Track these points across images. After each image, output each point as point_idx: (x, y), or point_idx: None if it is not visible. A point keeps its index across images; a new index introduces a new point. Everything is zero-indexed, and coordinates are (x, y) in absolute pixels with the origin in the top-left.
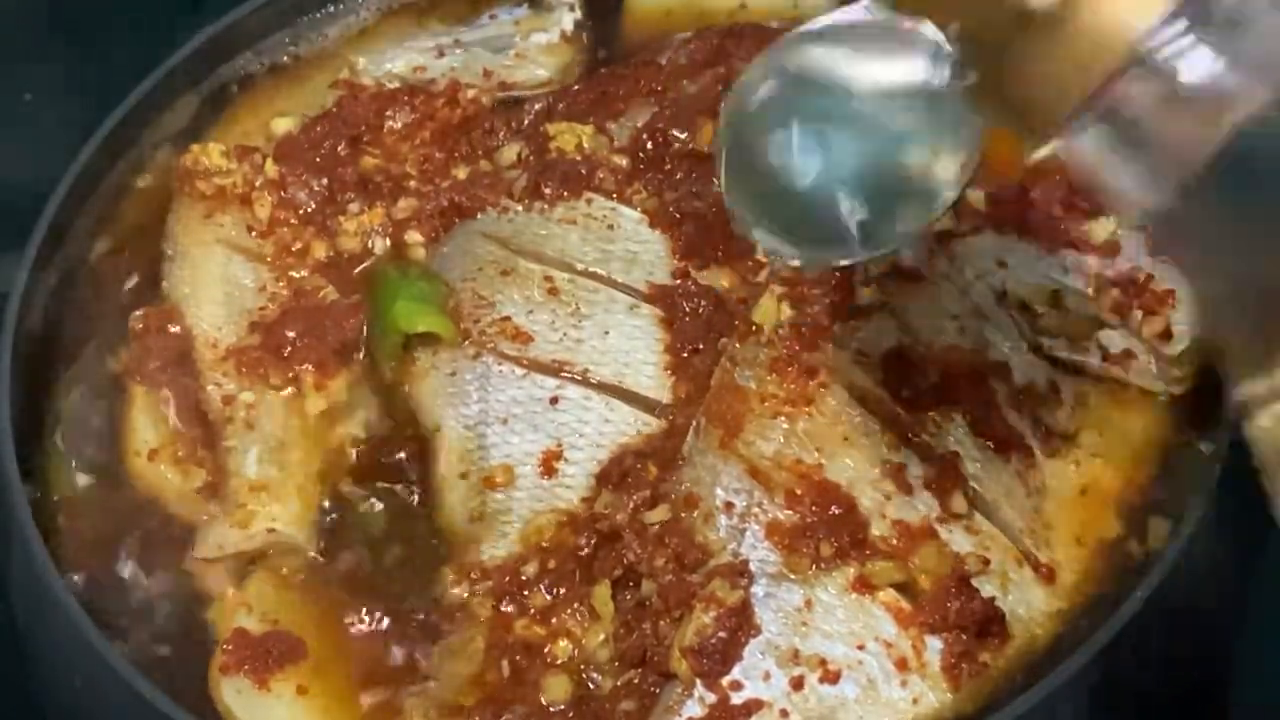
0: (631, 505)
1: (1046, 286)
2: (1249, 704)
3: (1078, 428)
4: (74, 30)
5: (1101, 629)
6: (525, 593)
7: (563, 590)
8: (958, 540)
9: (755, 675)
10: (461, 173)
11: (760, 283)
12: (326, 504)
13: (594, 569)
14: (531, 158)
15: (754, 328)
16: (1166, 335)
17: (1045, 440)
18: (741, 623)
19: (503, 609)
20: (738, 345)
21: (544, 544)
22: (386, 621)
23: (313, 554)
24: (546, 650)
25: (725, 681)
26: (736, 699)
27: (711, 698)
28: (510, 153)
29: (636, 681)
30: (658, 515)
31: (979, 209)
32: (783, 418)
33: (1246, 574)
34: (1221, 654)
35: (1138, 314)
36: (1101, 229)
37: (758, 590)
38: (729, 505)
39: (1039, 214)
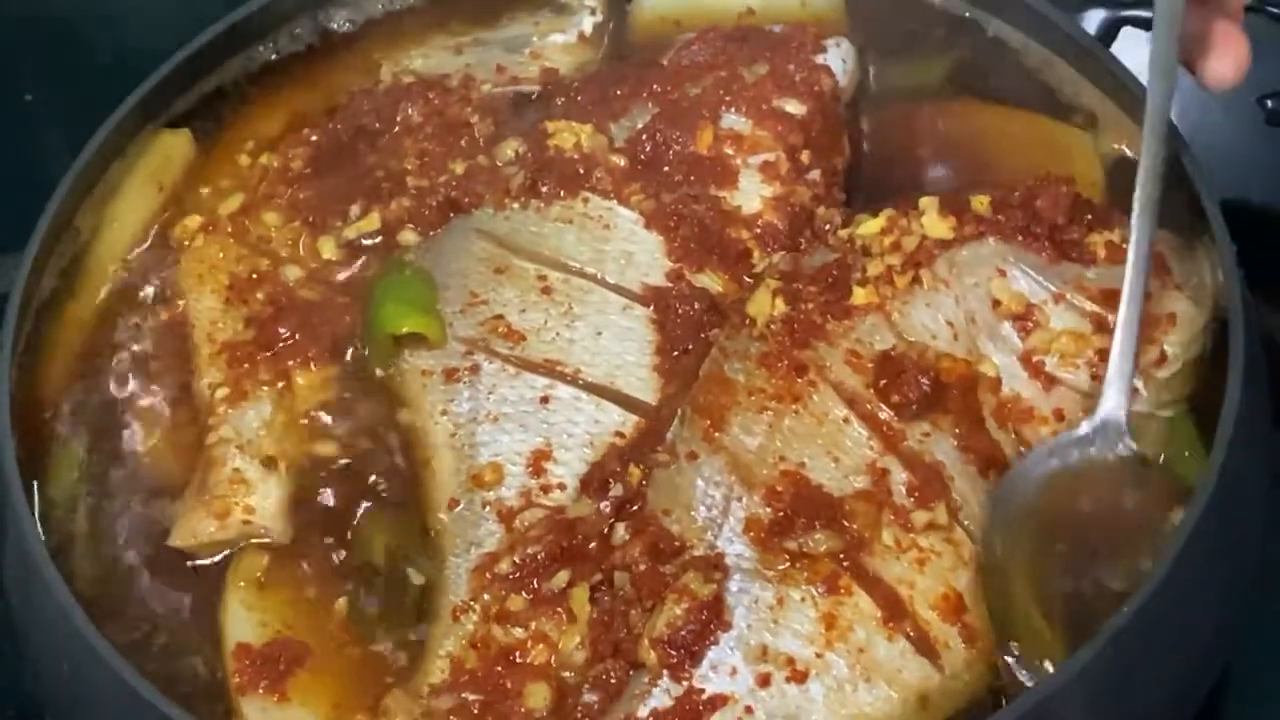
0: (609, 510)
1: (1042, 298)
2: (1249, 708)
3: None
4: (75, 30)
5: (1086, 647)
6: (506, 592)
7: (542, 589)
8: (938, 552)
9: (723, 670)
10: (459, 167)
11: (754, 285)
12: (315, 500)
13: (574, 571)
14: (529, 155)
15: (747, 320)
16: (1160, 359)
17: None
18: (712, 617)
19: (483, 608)
20: (728, 336)
21: (529, 542)
22: (369, 618)
23: (295, 551)
24: (525, 656)
25: (692, 674)
26: (702, 692)
27: (677, 689)
28: (508, 149)
29: (603, 674)
30: (622, 535)
31: (983, 215)
32: (769, 413)
33: (1240, 586)
34: (1217, 665)
35: None
36: (1104, 243)
37: (731, 585)
38: (708, 497)
39: (1043, 223)
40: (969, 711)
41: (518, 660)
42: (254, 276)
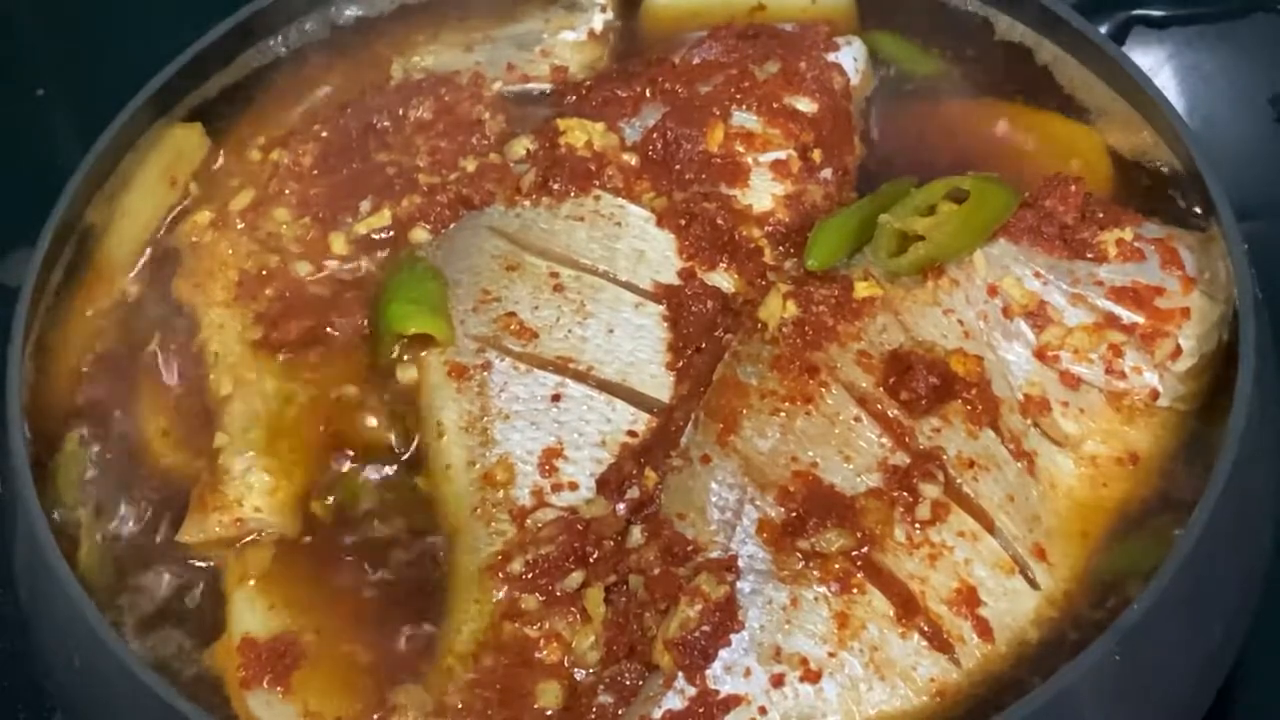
0: (624, 513)
1: (1054, 296)
2: (1260, 708)
3: (1081, 438)
4: (86, 26)
5: (1097, 641)
6: (519, 591)
7: (555, 589)
8: (950, 546)
9: (736, 671)
10: (470, 165)
11: (766, 283)
12: (328, 497)
13: (588, 572)
14: (541, 152)
15: (759, 325)
16: (1175, 352)
17: (1047, 449)
18: (726, 618)
19: (496, 606)
20: (741, 341)
21: (541, 542)
22: (379, 615)
23: (301, 547)
24: (537, 654)
25: (706, 675)
26: (716, 694)
27: (691, 691)
28: (519, 147)
29: (618, 675)
30: (637, 539)
31: None
32: (781, 415)
33: (1248, 586)
34: (1226, 664)
35: (1147, 328)
36: (1115, 240)
37: (744, 586)
38: (721, 500)
39: (1053, 223)
40: (984, 707)
41: (530, 658)
42: (264, 273)
